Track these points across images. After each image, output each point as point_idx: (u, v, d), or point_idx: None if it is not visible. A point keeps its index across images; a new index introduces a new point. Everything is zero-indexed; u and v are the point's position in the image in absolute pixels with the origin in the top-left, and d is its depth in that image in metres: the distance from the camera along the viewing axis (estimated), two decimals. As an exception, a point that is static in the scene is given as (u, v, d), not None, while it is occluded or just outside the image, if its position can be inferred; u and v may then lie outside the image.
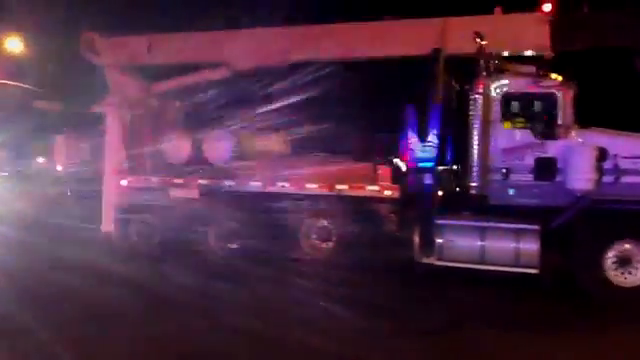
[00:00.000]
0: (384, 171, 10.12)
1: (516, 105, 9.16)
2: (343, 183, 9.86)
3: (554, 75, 9.04)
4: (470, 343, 6.74)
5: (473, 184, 9.04)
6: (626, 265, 8.35)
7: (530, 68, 9.42)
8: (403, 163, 9.92)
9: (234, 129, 11.11)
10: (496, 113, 9.09)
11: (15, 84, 23.19)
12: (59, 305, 7.83)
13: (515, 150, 9.07)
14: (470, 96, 9.36)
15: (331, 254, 10.07)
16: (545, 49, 9.56)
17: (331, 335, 6.68)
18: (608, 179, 8.58)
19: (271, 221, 10.45)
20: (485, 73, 9.06)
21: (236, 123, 11.27)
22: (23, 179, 17.07)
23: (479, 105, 8.93)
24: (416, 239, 9.43)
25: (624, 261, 8.35)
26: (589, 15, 9.42)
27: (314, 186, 10.00)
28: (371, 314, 7.60)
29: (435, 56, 9.93)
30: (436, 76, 9.82)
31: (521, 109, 9.16)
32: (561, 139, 8.83)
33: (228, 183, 10.58)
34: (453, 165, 9.68)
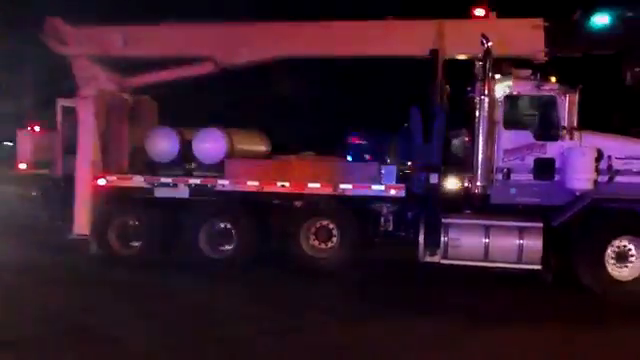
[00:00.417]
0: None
1: (518, 107, 9.45)
2: (346, 183, 9.72)
3: (554, 79, 9.41)
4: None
5: (478, 184, 9.19)
6: (622, 260, 8.87)
7: (526, 72, 9.78)
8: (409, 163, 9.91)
9: (223, 127, 10.63)
10: (499, 114, 9.34)
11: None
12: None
13: (516, 151, 9.35)
14: (474, 97, 9.53)
15: (334, 253, 9.90)
16: (538, 53, 9.97)
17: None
18: (603, 179, 9.09)
19: (267, 222, 10.17)
20: (490, 75, 9.25)
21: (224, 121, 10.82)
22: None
23: (485, 106, 9.08)
24: (421, 238, 9.49)
25: (621, 256, 8.87)
26: (581, 24, 9.89)
27: (316, 186, 9.78)
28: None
29: (433, 57, 10.11)
30: (434, 77, 10.01)
31: (523, 111, 9.47)
32: (560, 141, 9.22)
33: (222, 182, 10.13)
34: (456, 165, 9.80)
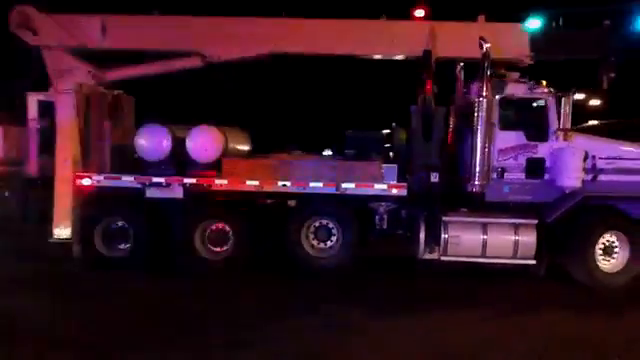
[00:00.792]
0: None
1: (512, 109, 9.86)
2: (348, 182, 9.75)
3: (544, 82, 9.91)
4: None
5: (476, 182, 9.51)
6: (609, 253, 9.55)
7: (515, 74, 10.24)
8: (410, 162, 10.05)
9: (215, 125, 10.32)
10: (495, 116, 9.70)
11: None
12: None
13: (510, 150, 9.79)
14: (472, 99, 9.84)
15: (335, 254, 9.92)
16: (524, 57, 10.44)
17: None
18: (588, 177, 9.71)
19: (266, 222, 10.03)
20: (489, 77, 9.56)
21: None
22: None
23: (483, 107, 9.40)
24: (422, 236, 9.72)
25: (607, 250, 9.54)
26: (564, 31, 10.45)
27: (318, 185, 9.74)
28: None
29: (425, 58, 10.33)
30: (429, 77, 10.23)
31: (517, 113, 9.90)
32: (550, 141, 9.75)
33: (219, 182, 9.85)
34: (455, 164, 10.08)
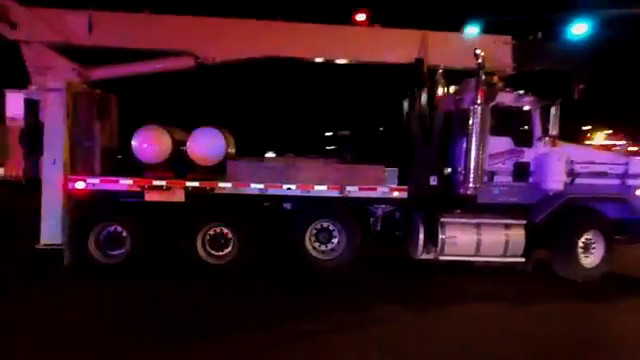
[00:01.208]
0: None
1: (502, 116, 10.47)
2: (353, 185, 9.96)
3: (529, 92, 10.64)
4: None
5: (470, 185, 10.04)
6: (587, 250, 10.42)
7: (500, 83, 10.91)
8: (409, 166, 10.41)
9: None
10: (487, 122, 10.28)
11: None
12: None
13: (499, 155, 10.43)
14: (462, 105, 10.39)
15: (339, 255, 10.11)
16: (507, 67, 11.16)
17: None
18: (567, 180, 10.53)
19: (269, 225, 10.04)
20: (483, 85, 10.11)
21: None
22: None
23: (477, 114, 9.95)
24: (421, 237, 10.13)
25: (586, 247, 10.41)
26: (541, 45, 11.23)
27: (323, 188, 9.87)
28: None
29: (418, 65, 10.78)
30: (423, 83, 10.70)
31: (505, 120, 10.52)
32: (535, 147, 10.48)
33: (223, 185, 9.73)
34: (449, 168, 10.56)
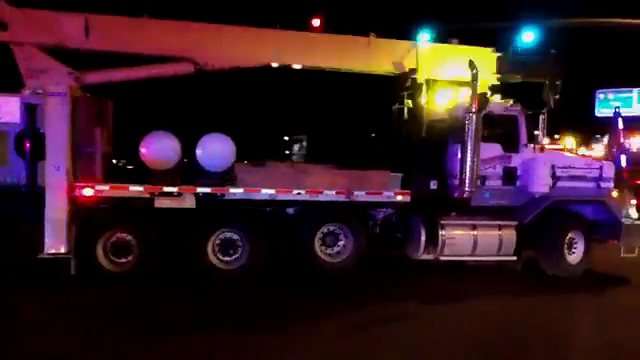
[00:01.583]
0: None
1: (492, 124, 11.13)
2: (360, 190, 10.26)
3: (517, 101, 11.40)
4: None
5: (466, 189, 10.62)
6: (570, 248, 11.27)
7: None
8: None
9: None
10: (480, 129, 10.91)
11: None
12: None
13: (490, 161, 11.08)
14: (455, 114, 10.98)
15: (346, 257, 10.35)
16: (491, 77, 11.89)
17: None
18: (551, 183, 11.36)
19: (279, 229, 10.14)
20: (478, 95, 10.71)
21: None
22: None
23: (472, 122, 10.55)
24: (423, 238, 10.59)
25: (569, 245, 11.26)
26: (521, 57, 12.05)
27: (331, 193, 10.09)
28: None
29: (411, 76, 11.30)
30: (418, 93, 11.24)
31: (495, 127, 11.20)
32: (521, 153, 11.23)
33: (234, 191, 9.74)
34: (446, 173, 11.10)
